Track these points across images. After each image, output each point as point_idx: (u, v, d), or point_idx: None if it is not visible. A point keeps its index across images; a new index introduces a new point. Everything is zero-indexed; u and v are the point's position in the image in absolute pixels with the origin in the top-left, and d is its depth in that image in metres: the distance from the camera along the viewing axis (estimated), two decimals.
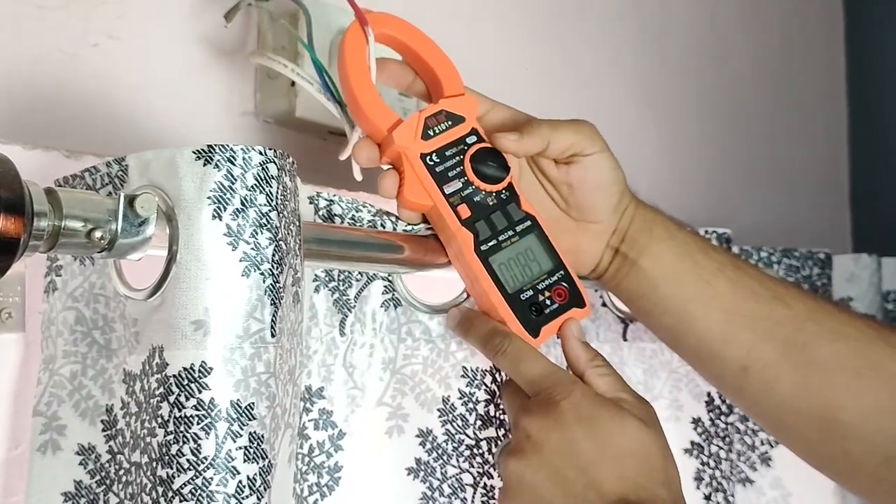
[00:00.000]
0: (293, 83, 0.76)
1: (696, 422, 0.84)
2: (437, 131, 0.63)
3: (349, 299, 0.63)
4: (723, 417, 0.84)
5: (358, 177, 0.67)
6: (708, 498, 0.83)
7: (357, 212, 0.62)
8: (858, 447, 0.64)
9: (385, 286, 0.65)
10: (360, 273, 0.64)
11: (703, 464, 0.84)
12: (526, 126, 0.64)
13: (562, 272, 0.64)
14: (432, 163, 0.62)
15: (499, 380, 0.66)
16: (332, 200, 0.62)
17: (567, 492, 0.54)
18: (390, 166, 0.64)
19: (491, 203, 0.63)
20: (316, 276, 0.62)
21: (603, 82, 1.18)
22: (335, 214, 0.61)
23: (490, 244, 0.62)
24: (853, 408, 0.64)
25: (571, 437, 0.55)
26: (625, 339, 0.84)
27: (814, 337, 0.65)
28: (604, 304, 0.84)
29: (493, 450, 0.64)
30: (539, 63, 1.08)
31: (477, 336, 0.62)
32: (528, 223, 0.63)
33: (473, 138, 0.64)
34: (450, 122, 0.63)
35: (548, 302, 0.63)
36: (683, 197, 1.27)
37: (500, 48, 1.03)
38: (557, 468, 0.55)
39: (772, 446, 0.99)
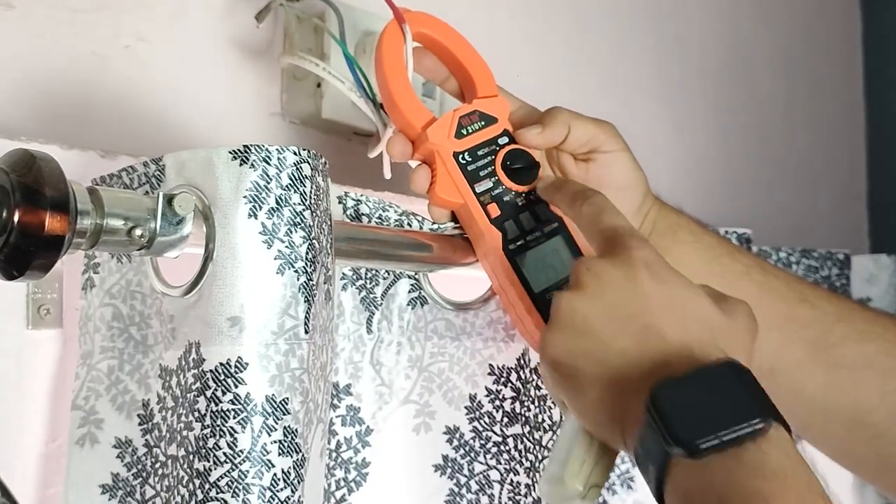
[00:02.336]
0: (319, 84, 0.77)
1: None
2: (470, 131, 0.64)
3: (376, 297, 0.64)
4: None
5: (387, 174, 0.68)
6: None
7: (384, 211, 0.63)
8: (888, 447, 0.64)
9: (412, 284, 0.65)
10: (386, 271, 0.65)
11: None
12: (546, 116, 0.65)
13: None
14: (464, 161, 0.63)
15: (523, 377, 0.67)
16: (359, 200, 0.62)
17: (624, 328, 0.50)
18: (421, 163, 0.65)
19: (520, 204, 0.64)
20: (343, 274, 0.63)
21: (620, 82, 1.18)
22: (362, 214, 0.62)
23: (518, 244, 0.63)
24: (882, 408, 0.64)
25: (637, 278, 0.51)
26: None
27: (842, 338, 0.65)
28: None
29: (520, 446, 0.65)
30: (556, 62, 1.08)
31: (568, 192, 0.60)
32: (556, 225, 0.64)
33: (505, 139, 0.65)
34: (483, 123, 0.64)
35: None
36: (699, 197, 1.27)
37: (518, 46, 1.03)
38: (616, 304, 0.50)
39: None
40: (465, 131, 0.64)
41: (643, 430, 0.46)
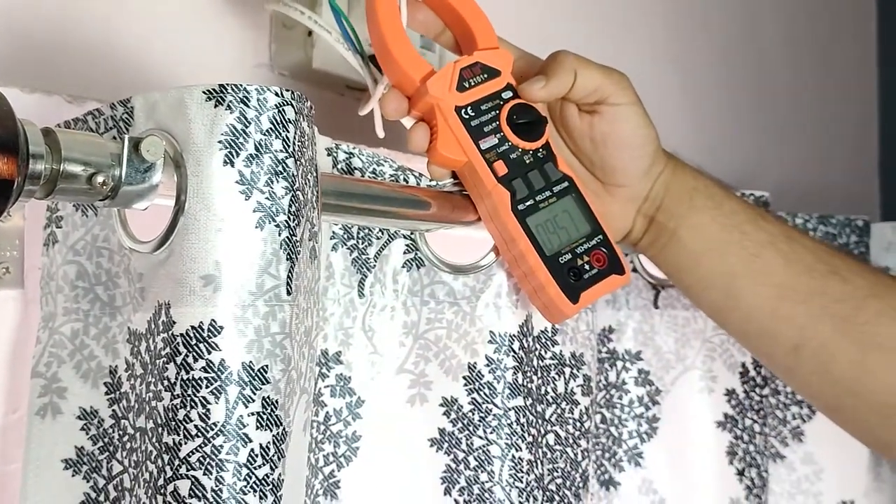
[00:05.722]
0: (310, 33, 0.72)
1: (730, 394, 0.80)
2: (473, 84, 0.60)
3: (369, 258, 0.60)
4: (757, 390, 0.80)
5: (380, 133, 0.64)
6: (742, 473, 0.80)
7: (378, 166, 0.59)
8: None
9: (407, 245, 0.61)
10: (380, 231, 0.60)
11: (736, 438, 0.80)
12: (550, 64, 0.60)
13: (600, 237, 0.60)
14: (467, 116, 0.59)
15: (526, 346, 0.63)
16: (351, 153, 0.58)
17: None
18: (418, 120, 0.61)
19: (528, 161, 0.60)
20: (333, 233, 0.59)
21: (628, 42, 1.14)
22: (355, 168, 0.58)
23: (527, 204, 0.59)
24: None
25: None
26: (656, 307, 0.80)
27: (875, 315, 0.60)
28: (634, 269, 0.80)
29: (522, 420, 0.61)
30: (563, 19, 1.05)
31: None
32: (566, 184, 0.60)
33: (509, 93, 0.61)
34: (485, 75, 0.60)
35: (587, 267, 0.59)
36: (707, 161, 1.24)
37: (523, 3, 0.99)
38: None
39: (804, 420, 0.95)
40: (467, 84, 0.60)
41: None
